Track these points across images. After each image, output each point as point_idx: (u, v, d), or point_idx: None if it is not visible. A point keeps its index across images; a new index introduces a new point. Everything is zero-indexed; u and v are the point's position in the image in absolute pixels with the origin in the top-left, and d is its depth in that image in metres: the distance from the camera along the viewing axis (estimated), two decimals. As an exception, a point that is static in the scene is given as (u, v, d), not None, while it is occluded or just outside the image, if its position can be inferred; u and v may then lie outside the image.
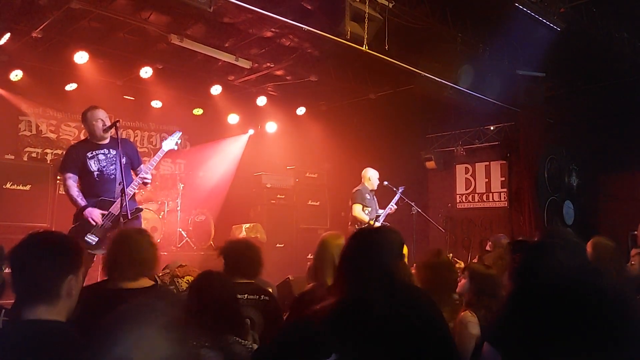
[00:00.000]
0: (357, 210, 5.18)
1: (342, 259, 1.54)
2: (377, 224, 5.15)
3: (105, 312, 1.98)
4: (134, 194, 3.78)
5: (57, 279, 1.31)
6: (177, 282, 2.91)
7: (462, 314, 2.19)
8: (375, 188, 5.43)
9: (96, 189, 3.56)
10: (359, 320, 1.37)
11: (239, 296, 2.30)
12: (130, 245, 2.10)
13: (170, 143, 3.80)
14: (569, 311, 0.94)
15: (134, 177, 3.70)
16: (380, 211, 5.37)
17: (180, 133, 3.92)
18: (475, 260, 4.15)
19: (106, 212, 3.50)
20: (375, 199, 5.42)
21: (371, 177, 5.43)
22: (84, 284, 1.62)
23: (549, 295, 1.01)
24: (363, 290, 1.41)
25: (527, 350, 0.98)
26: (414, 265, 2.75)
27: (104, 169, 3.60)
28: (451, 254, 4.58)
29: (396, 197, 5.44)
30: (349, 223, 5.30)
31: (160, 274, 2.78)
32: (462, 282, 2.34)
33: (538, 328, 0.96)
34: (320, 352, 1.30)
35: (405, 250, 1.79)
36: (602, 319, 0.92)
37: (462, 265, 4.83)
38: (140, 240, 2.14)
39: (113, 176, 3.60)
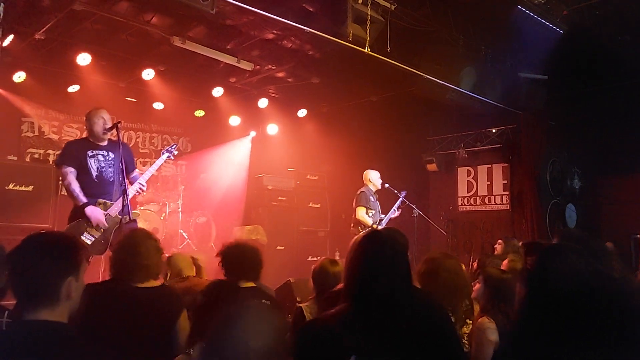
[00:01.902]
0: (361, 214, 5.17)
1: (354, 262, 1.52)
2: (380, 228, 5.14)
3: (117, 308, 2.05)
4: (132, 198, 3.78)
5: (56, 281, 1.29)
6: None
7: (480, 320, 2.13)
8: (379, 187, 5.42)
9: (94, 190, 3.53)
10: (378, 321, 1.38)
11: None
12: (140, 251, 2.14)
13: (166, 155, 3.89)
14: (582, 316, 0.93)
15: (127, 181, 3.70)
16: (383, 215, 5.36)
17: (176, 145, 4.11)
18: (474, 264, 4.12)
19: (104, 213, 3.49)
20: (378, 201, 5.41)
21: (372, 178, 5.42)
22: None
23: (562, 300, 1.00)
24: (380, 292, 1.41)
25: (542, 356, 0.97)
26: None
27: (103, 170, 3.59)
28: (453, 258, 4.55)
29: (398, 202, 5.43)
30: (352, 225, 5.29)
31: None
32: (477, 287, 2.29)
33: (552, 333, 0.95)
34: (340, 354, 1.31)
35: None
36: (616, 324, 0.91)
37: (464, 268, 4.80)
38: (149, 246, 2.18)
39: (111, 179, 3.58)
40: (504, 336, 1.96)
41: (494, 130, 6.99)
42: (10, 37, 5.10)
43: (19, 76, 5.85)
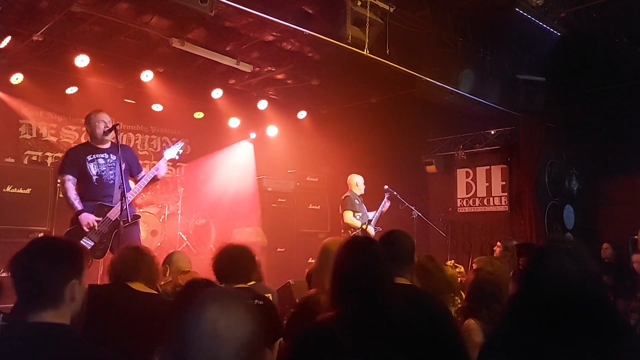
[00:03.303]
0: (349, 217, 5.20)
1: (336, 268, 1.53)
2: (370, 228, 5.17)
3: (119, 309, 2.12)
4: (132, 200, 3.77)
5: (61, 284, 1.32)
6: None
7: (466, 322, 2.16)
8: (363, 192, 5.45)
9: (95, 193, 3.54)
10: (377, 324, 1.39)
11: None
12: (141, 263, 2.27)
13: (171, 152, 3.83)
14: (571, 315, 0.94)
15: (132, 184, 3.68)
16: (370, 214, 5.37)
17: (183, 143, 3.96)
18: (474, 265, 4.13)
19: (102, 219, 3.47)
20: (364, 204, 5.42)
21: (358, 182, 5.46)
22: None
23: (552, 300, 1.00)
24: (375, 296, 1.42)
25: (529, 355, 0.97)
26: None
27: (103, 173, 3.58)
28: (453, 260, 4.55)
29: (384, 202, 5.45)
30: (342, 230, 5.31)
31: (162, 282, 2.77)
32: None
33: (541, 333, 0.96)
34: (340, 356, 1.31)
35: None
36: (605, 324, 0.91)
37: (462, 269, 4.80)
38: (148, 261, 2.31)
39: (112, 181, 3.58)
40: (488, 336, 1.96)
41: (492, 132, 7.01)
42: (8, 39, 5.09)
43: (17, 78, 5.83)
